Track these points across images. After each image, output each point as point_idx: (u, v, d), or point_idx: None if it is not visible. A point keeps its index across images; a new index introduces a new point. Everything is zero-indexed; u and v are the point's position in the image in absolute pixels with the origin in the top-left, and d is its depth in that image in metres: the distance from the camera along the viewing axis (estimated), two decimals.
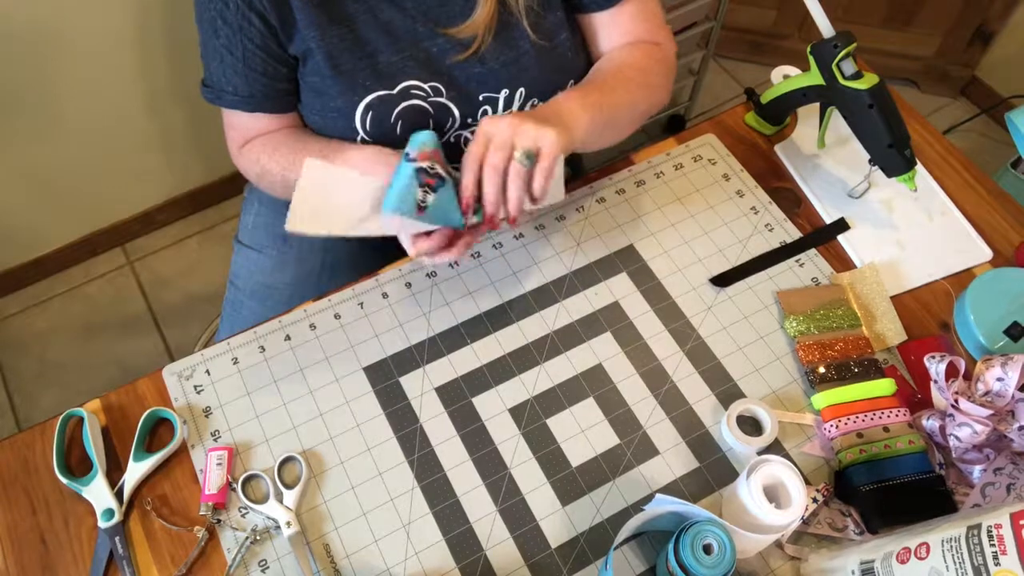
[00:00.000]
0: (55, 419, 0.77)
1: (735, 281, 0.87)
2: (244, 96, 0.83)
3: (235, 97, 0.83)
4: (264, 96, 0.84)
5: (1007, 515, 0.54)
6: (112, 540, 0.71)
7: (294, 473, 0.75)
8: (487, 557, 0.71)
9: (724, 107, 2.13)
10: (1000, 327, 0.81)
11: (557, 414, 0.79)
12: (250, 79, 0.82)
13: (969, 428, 0.70)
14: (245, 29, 0.78)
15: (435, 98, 0.84)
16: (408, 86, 0.82)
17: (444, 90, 0.84)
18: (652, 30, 0.91)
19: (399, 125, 0.84)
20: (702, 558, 0.60)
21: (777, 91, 0.93)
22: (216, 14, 0.78)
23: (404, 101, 0.83)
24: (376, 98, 0.82)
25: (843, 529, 0.71)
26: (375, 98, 0.82)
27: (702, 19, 1.76)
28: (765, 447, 0.76)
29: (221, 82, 0.83)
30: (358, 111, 0.82)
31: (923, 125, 1.00)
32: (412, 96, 0.83)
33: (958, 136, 2.07)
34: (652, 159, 0.98)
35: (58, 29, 1.43)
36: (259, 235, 1.04)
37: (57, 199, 1.72)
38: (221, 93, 0.84)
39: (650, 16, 0.90)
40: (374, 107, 0.82)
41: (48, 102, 1.53)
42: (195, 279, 1.86)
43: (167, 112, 1.68)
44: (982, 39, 2.00)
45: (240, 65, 0.80)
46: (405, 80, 0.82)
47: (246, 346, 0.83)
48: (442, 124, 0.86)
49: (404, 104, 0.83)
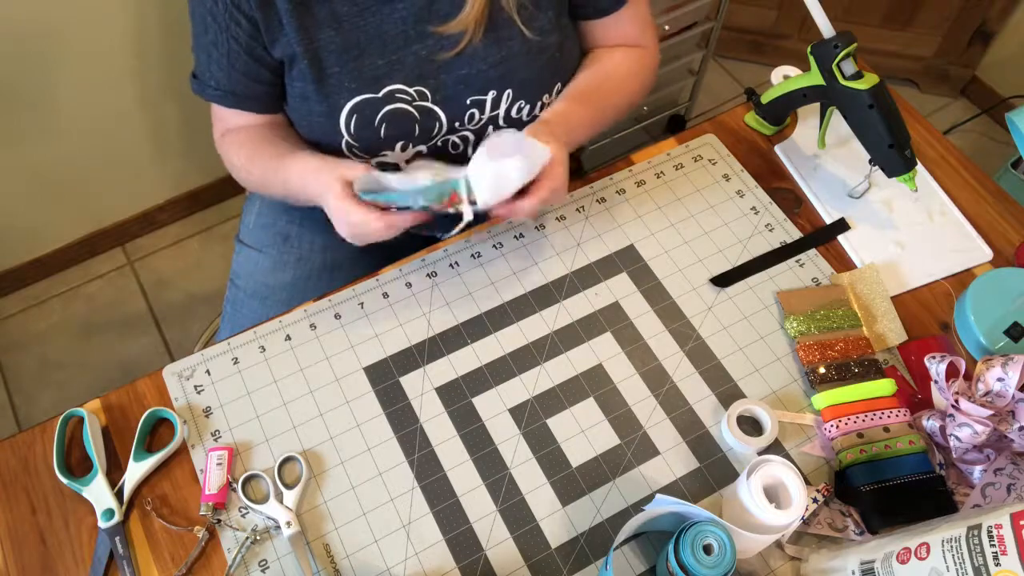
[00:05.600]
0: (55, 419, 0.77)
1: (735, 281, 0.87)
2: (225, 91, 0.85)
3: (217, 92, 0.85)
4: (245, 95, 0.85)
5: (1007, 515, 0.54)
6: (112, 540, 0.71)
7: (294, 473, 0.75)
8: (487, 557, 0.71)
9: (724, 107, 2.13)
10: (1000, 327, 0.81)
11: (557, 414, 0.79)
12: (232, 77, 0.83)
13: (969, 428, 0.70)
14: (231, 29, 0.79)
15: (420, 102, 0.84)
16: (393, 90, 0.82)
17: (430, 95, 0.84)
18: (641, 34, 0.94)
19: (383, 128, 0.84)
20: (702, 558, 0.60)
21: (777, 91, 0.93)
22: (206, 11, 0.79)
23: (389, 104, 0.83)
24: (361, 101, 0.82)
25: (843, 529, 0.71)
26: (360, 101, 0.82)
27: (702, 19, 1.76)
28: (765, 447, 0.76)
29: (206, 75, 0.85)
30: (343, 114, 0.83)
31: (923, 125, 1.00)
32: (397, 100, 0.83)
33: (958, 136, 2.07)
34: (652, 159, 0.97)
35: (58, 29, 1.43)
36: (260, 235, 1.04)
37: (57, 199, 1.72)
38: (205, 86, 0.86)
39: (640, 21, 0.93)
40: (359, 110, 0.83)
41: (48, 102, 1.53)
42: (195, 279, 1.86)
43: (167, 112, 1.68)
44: (982, 39, 2.00)
45: (224, 62, 0.82)
46: (390, 84, 0.82)
47: (246, 346, 0.83)
48: (429, 129, 0.87)
49: (389, 107, 0.83)
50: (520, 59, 0.84)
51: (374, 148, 0.87)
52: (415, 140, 0.87)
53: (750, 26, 2.13)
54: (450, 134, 0.89)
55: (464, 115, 0.87)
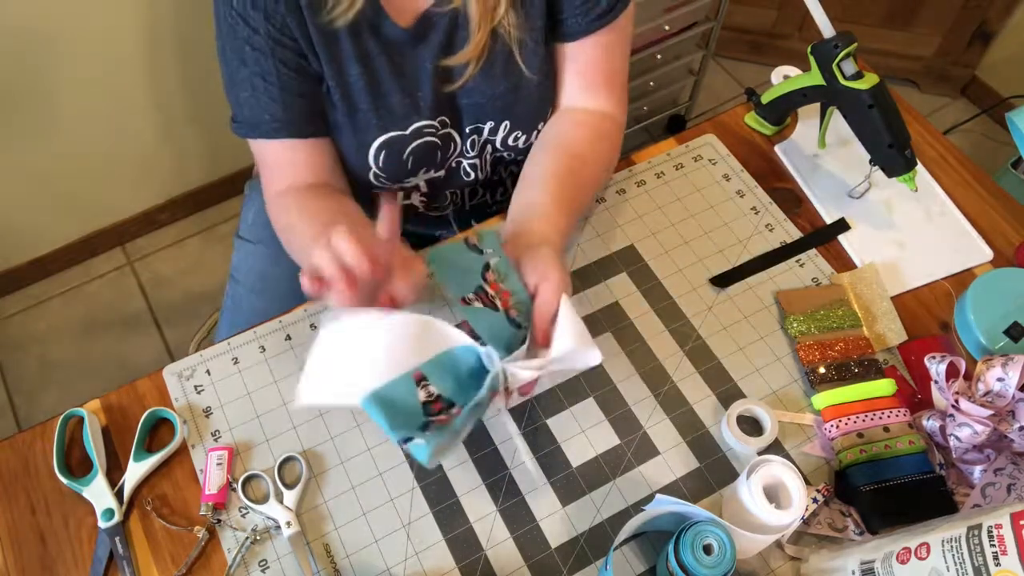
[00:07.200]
0: (55, 419, 0.77)
1: (735, 281, 0.87)
2: (283, 122, 0.79)
3: (274, 124, 0.79)
4: (304, 119, 0.80)
5: (1007, 515, 0.54)
6: (112, 540, 0.71)
7: (294, 473, 0.75)
8: (487, 557, 0.71)
9: (724, 107, 2.13)
10: (1000, 327, 0.81)
11: (557, 414, 0.79)
12: (287, 102, 0.78)
13: (969, 428, 0.70)
14: (277, 52, 0.76)
15: (443, 131, 0.86)
16: (421, 126, 0.83)
17: (448, 121, 0.85)
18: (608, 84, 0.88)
19: (411, 160, 0.86)
20: (702, 558, 0.60)
21: (777, 91, 0.93)
22: (243, 41, 0.75)
23: (417, 140, 0.84)
24: (389, 137, 0.83)
25: (843, 529, 0.71)
26: (389, 138, 0.83)
27: (702, 19, 1.76)
28: (765, 447, 0.76)
29: (256, 112, 0.79)
30: (371, 150, 0.84)
31: (923, 125, 1.00)
32: (424, 134, 0.84)
33: (958, 136, 2.07)
34: (652, 159, 0.98)
35: (58, 29, 1.43)
36: (259, 230, 1.04)
37: (57, 199, 1.72)
38: (258, 124, 0.80)
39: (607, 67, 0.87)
40: (387, 146, 0.84)
41: (48, 102, 1.53)
42: (195, 279, 1.86)
43: (168, 112, 1.68)
44: (982, 39, 2.00)
45: (275, 90, 0.78)
46: (418, 120, 0.83)
47: (246, 346, 0.83)
48: (446, 153, 0.89)
49: (417, 142, 0.85)
50: (519, 93, 0.84)
51: (400, 178, 0.89)
52: (436, 166, 0.90)
53: (750, 26, 2.13)
54: (461, 158, 0.91)
55: (467, 141, 0.89)
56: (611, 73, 0.88)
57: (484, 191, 1.01)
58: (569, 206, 0.80)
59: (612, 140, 0.88)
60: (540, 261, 0.68)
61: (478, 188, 0.99)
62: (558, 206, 0.78)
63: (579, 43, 0.84)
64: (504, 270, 0.69)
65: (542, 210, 0.77)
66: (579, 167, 0.83)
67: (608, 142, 0.87)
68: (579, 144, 0.85)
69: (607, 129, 0.87)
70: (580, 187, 0.82)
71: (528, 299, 0.68)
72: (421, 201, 0.97)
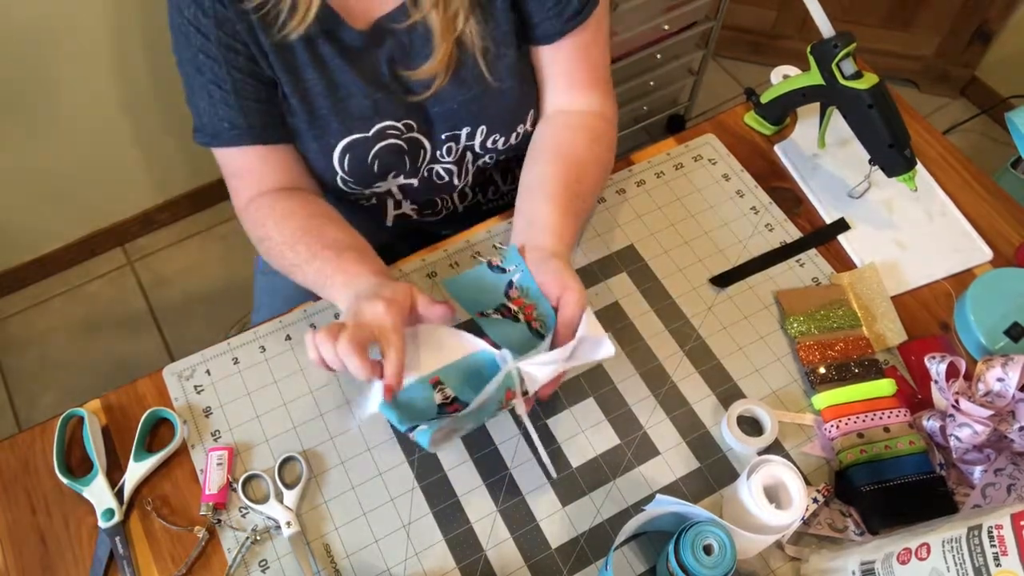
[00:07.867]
0: (55, 419, 0.77)
1: (735, 281, 0.87)
2: (243, 128, 0.79)
3: (234, 132, 0.79)
4: (263, 125, 0.80)
5: (1008, 516, 0.54)
6: (112, 540, 0.71)
7: (294, 473, 0.75)
8: (487, 557, 0.71)
9: (724, 107, 2.13)
10: (1000, 327, 0.81)
11: (557, 414, 0.79)
12: (244, 108, 0.78)
13: (970, 428, 0.70)
14: (231, 59, 0.76)
15: (408, 134, 0.85)
16: (383, 127, 0.82)
17: (416, 125, 0.84)
18: (593, 81, 0.87)
19: (376, 164, 0.85)
20: (702, 558, 0.60)
21: (777, 91, 0.93)
22: (196, 50, 0.76)
23: (380, 141, 0.83)
24: (352, 140, 0.82)
25: (843, 530, 0.71)
26: (352, 140, 0.82)
27: (702, 19, 1.76)
28: (765, 447, 0.76)
29: (214, 121, 0.79)
30: (335, 153, 0.83)
31: (923, 125, 1.00)
32: (388, 136, 0.83)
33: (958, 136, 2.07)
34: (652, 159, 0.97)
35: (58, 28, 1.43)
36: None
37: (57, 199, 1.72)
38: (218, 132, 0.80)
39: (590, 65, 0.86)
40: (351, 149, 0.83)
41: (48, 102, 1.53)
42: (195, 279, 1.86)
43: (167, 112, 1.68)
44: (982, 39, 2.00)
45: (232, 97, 0.77)
46: (380, 122, 0.82)
47: (246, 346, 0.83)
48: (415, 158, 0.87)
49: (380, 144, 0.83)
50: (489, 97, 0.84)
51: (368, 182, 0.88)
52: (407, 172, 0.88)
53: (750, 26, 2.13)
54: (433, 163, 0.90)
55: (442, 148, 0.88)
56: (593, 70, 0.87)
57: (475, 192, 1.00)
58: (575, 217, 0.80)
59: (607, 141, 0.88)
60: (556, 273, 0.72)
61: (467, 191, 0.98)
62: (564, 218, 0.78)
63: (556, 45, 0.84)
64: (527, 284, 0.73)
65: (548, 222, 0.77)
66: (580, 175, 0.83)
67: (604, 144, 0.87)
68: (578, 150, 0.84)
69: (601, 130, 0.87)
70: (583, 195, 0.82)
71: (550, 310, 0.71)
72: (412, 209, 0.97)
